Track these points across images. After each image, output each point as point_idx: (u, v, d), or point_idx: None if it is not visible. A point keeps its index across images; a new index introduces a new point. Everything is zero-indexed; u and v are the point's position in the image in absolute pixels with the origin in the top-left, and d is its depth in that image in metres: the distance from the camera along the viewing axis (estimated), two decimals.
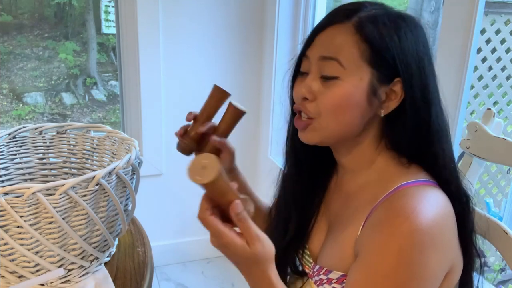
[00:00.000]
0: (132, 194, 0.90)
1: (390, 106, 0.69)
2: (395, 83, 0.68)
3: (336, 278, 0.71)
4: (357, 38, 0.67)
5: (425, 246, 0.60)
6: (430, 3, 2.65)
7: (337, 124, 0.69)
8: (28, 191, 0.72)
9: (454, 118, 1.18)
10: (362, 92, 0.67)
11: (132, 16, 1.85)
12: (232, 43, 2.02)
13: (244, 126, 2.18)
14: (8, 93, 2.59)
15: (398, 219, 0.61)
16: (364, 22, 0.67)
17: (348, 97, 0.67)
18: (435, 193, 0.66)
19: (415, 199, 0.63)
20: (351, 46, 0.67)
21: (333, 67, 0.67)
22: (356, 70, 0.67)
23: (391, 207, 0.64)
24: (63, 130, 1.06)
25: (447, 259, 0.65)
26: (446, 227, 0.64)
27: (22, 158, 1.04)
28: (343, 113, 0.68)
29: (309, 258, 0.81)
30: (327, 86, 0.68)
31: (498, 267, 1.83)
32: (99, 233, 0.85)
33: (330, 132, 0.70)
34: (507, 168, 2.48)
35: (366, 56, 0.66)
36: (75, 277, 0.85)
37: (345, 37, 0.67)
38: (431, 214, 0.62)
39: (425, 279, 0.61)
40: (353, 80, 0.67)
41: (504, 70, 2.67)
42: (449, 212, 0.66)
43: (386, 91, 0.68)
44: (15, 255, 0.78)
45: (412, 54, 0.67)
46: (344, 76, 0.67)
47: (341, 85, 0.67)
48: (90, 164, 1.06)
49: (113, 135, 1.02)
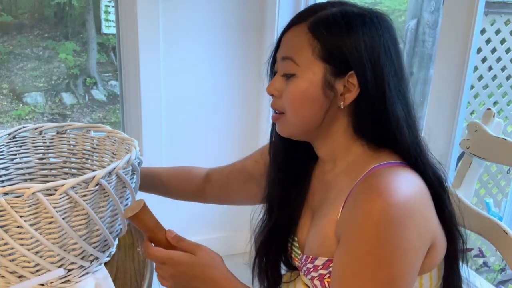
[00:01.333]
0: (132, 194, 0.90)
1: (349, 97, 0.72)
2: (350, 75, 0.71)
3: (321, 264, 0.73)
4: (309, 37, 0.72)
5: (402, 218, 0.62)
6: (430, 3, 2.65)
7: (299, 118, 0.75)
8: (28, 191, 0.72)
9: (454, 118, 1.18)
10: (316, 86, 0.72)
11: (132, 16, 1.85)
12: (232, 43, 2.02)
13: (244, 126, 2.19)
14: (8, 93, 2.59)
15: (373, 196, 0.64)
16: (317, 21, 0.73)
17: (303, 91, 0.73)
18: (407, 172, 0.69)
19: (388, 177, 0.66)
20: (304, 44, 0.72)
21: (290, 65, 0.74)
22: (309, 66, 0.72)
23: (366, 186, 0.67)
24: (63, 130, 1.06)
25: (427, 231, 0.67)
26: (422, 201, 0.66)
27: (22, 158, 1.03)
28: (302, 107, 0.74)
29: (297, 250, 0.83)
30: (287, 84, 0.75)
31: (498, 267, 1.83)
32: (99, 233, 0.85)
33: (295, 125, 0.76)
34: (507, 168, 2.48)
35: (317, 52, 0.72)
36: (75, 277, 0.85)
37: (300, 37, 0.73)
38: (405, 189, 0.65)
39: (407, 251, 0.63)
40: (307, 76, 0.73)
41: (504, 70, 2.67)
42: (424, 189, 0.68)
43: (343, 83, 0.72)
44: (15, 255, 0.78)
45: (365, 48, 0.71)
46: (299, 73, 0.73)
47: (297, 82, 0.73)
48: (90, 164, 1.06)
49: (113, 135, 1.02)
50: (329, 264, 0.72)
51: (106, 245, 0.90)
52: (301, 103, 0.74)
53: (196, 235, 2.16)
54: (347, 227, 0.67)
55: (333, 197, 0.76)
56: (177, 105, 1.99)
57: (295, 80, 0.74)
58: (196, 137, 2.09)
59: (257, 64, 2.07)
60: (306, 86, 0.73)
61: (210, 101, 2.06)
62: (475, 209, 0.91)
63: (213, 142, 2.13)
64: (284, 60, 0.75)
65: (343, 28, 0.71)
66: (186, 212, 2.13)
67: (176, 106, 2.00)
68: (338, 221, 0.70)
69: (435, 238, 0.69)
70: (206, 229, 2.17)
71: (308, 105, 0.73)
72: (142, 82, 1.90)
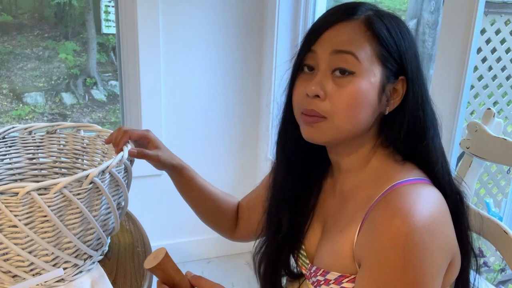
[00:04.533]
0: (125, 192, 0.90)
1: (393, 104, 0.69)
2: (399, 81, 0.68)
3: (334, 279, 0.71)
4: (369, 34, 0.66)
5: (427, 243, 0.60)
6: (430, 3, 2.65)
7: (350, 124, 0.67)
8: (22, 190, 0.72)
9: (454, 118, 1.18)
10: (375, 89, 0.67)
11: (132, 16, 1.85)
12: (232, 43, 2.01)
13: (244, 126, 2.19)
14: (8, 93, 2.59)
15: (397, 220, 0.61)
16: (374, 18, 0.67)
17: (364, 94, 0.66)
18: (430, 190, 0.66)
19: (410, 198, 0.63)
20: (364, 41, 0.66)
21: (349, 61, 0.66)
22: (370, 66, 0.66)
23: (387, 207, 0.64)
24: (53, 130, 1.06)
25: (448, 254, 0.65)
26: (444, 223, 0.64)
27: (12, 159, 1.03)
28: (358, 111, 0.66)
29: (305, 259, 0.80)
30: (340, 84, 0.66)
31: (498, 267, 1.83)
32: (93, 231, 0.85)
33: (342, 131, 0.68)
34: (507, 168, 2.48)
35: (377, 53, 0.66)
36: (69, 275, 0.85)
37: (358, 33, 0.67)
38: (428, 211, 0.62)
39: (432, 275, 0.61)
40: (368, 76, 0.66)
41: (504, 70, 2.67)
42: (445, 208, 0.66)
43: (390, 89, 0.69)
44: (9, 254, 0.78)
45: (412, 53, 0.69)
46: (359, 71, 0.66)
47: (357, 82, 0.66)
48: (81, 163, 1.06)
49: (104, 134, 1.02)
50: (341, 279, 0.70)
51: (100, 244, 0.90)
52: (359, 107, 0.66)
53: (196, 235, 2.16)
54: (370, 251, 0.64)
55: (348, 211, 0.72)
56: (177, 105, 1.99)
57: (354, 79, 0.65)
58: (196, 137, 2.09)
59: (257, 64, 2.07)
60: (367, 88, 0.66)
61: (210, 101, 2.06)
62: (475, 209, 0.91)
63: (213, 142, 2.13)
64: (340, 54, 0.66)
65: (397, 30, 0.68)
66: (186, 212, 2.13)
67: (176, 106, 1.99)
68: (357, 241, 0.67)
69: (454, 257, 0.67)
70: (206, 229, 2.16)
71: (365, 109, 0.67)
72: (142, 82, 1.90)
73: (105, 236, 0.88)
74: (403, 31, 0.69)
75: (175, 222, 2.16)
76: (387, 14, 0.70)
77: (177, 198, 2.23)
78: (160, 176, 2.05)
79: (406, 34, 0.69)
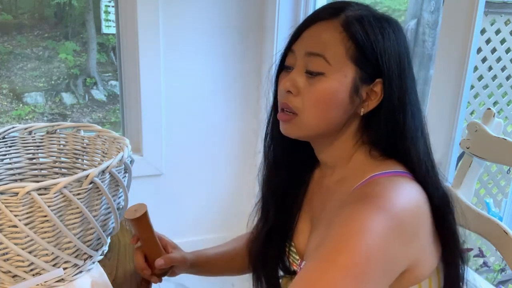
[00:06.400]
0: (125, 192, 0.90)
1: (369, 105, 0.70)
2: (376, 83, 0.69)
3: None
4: (343, 36, 0.67)
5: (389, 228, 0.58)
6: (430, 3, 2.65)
7: (319, 120, 0.70)
8: (22, 190, 0.72)
9: (454, 118, 1.18)
10: (345, 90, 0.68)
11: (132, 16, 1.85)
12: (232, 43, 2.01)
13: (244, 126, 2.19)
14: (8, 93, 2.59)
15: (367, 199, 0.61)
16: (351, 20, 0.68)
17: (332, 93, 0.68)
18: (408, 184, 0.65)
19: (386, 187, 0.63)
20: (337, 43, 0.67)
21: (319, 63, 0.68)
22: (341, 67, 0.67)
23: (359, 193, 0.64)
24: (53, 130, 1.06)
25: (409, 252, 0.62)
26: (416, 218, 0.63)
27: (12, 159, 1.03)
28: (326, 109, 0.69)
29: (295, 256, 0.81)
30: (311, 82, 0.69)
31: (498, 267, 1.83)
32: (93, 231, 0.85)
33: (312, 127, 0.71)
34: (507, 168, 2.48)
35: (351, 54, 0.67)
36: (69, 275, 0.85)
37: (332, 34, 0.68)
38: (402, 202, 0.61)
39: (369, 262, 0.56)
40: (338, 77, 0.68)
41: (504, 70, 2.67)
42: (422, 204, 0.65)
43: (367, 90, 0.69)
44: (9, 254, 0.78)
45: (394, 56, 0.68)
46: (329, 72, 0.68)
47: (326, 81, 0.68)
48: (81, 163, 1.06)
49: (104, 134, 1.02)
50: None
51: (100, 244, 0.90)
52: (327, 105, 0.69)
53: (196, 235, 2.16)
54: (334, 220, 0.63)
55: (334, 205, 0.73)
56: (177, 105, 1.99)
57: (323, 79, 0.68)
58: (196, 137, 2.09)
59: (257, 64, 2.07)
60: (336, 88, 0.68)
61: (210, 101, 2.06)
62: (475, 209, 0.91)
63: (213, 142, 2.13)
64: (311, 56, 0.69)
65: (377, 32, 0.68)
66: (186, 212, 2.13)
67: (176, 106, 1.99)
68: None
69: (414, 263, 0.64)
70: (206, 229, 2.16)
71: (334, 108, 0.69)
72: (142, 82, 1.90)
73: (105, 236, 0.89)
74: (386, 33, 0.68)
75: (175, 222, 2.16)
76: (372, 14, 0.70)
77: (177, 198, 2.24)
78: (160, 176, 2.06)
79: (390, 36, 0.68)
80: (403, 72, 0.69)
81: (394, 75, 0.68)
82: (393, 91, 0.68)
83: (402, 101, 0.69)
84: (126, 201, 0.93)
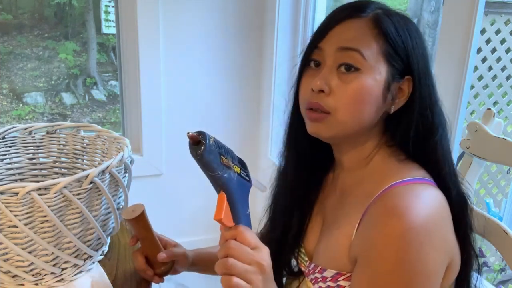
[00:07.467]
0: (125, 192, 0.90)
1: (398, 103, 0.69)
2: (405, 81, 0.68)
3: (330, 276, 0.71)
4: (376, 32, 0.67)
5: (422, 243, 0.60)
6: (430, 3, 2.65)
7: (354, 120, 0.68)
8: (22, 190, 0.72)
9: (454, 118, 1.18)
10: (380, 87, 0.67)
11: (132, 16, 1.85)
12: (232, 43, 2.01)
13: (244, 126, 2.19)
14: (8, 93, 2.59)
15: (393, 219, 0.61)
16: (382, 16, 0.68)
17: (368, 91, 0.66)
18: (428, 191, 0.65)
19: (407, 198, 0.63)
20: (371, 39, 0.67)
21: (355, 58, 0.66)
22: (375, 64, 0.66)
23: (384, 206, 0.64)
24: (53, 130, 1.06)
25: (445, 255, 0.65)
26: (440, 224, 0.64)
27: (12, 159, 1.03)
28: (362, 108, 0.67)
29: (304, 257, 0.81)
30: (345, 80, 0.67)
31: (498, 267, 1.83)
32: (93, 231, 0.85)
33: (345, 127, 0.69)
34: (507, 168, 2.48)
35: (383, 51, 0.67)
36: (69, 275, 0.85)
37: (365, 30, 0.67)
38: (424, 211, 0.62)
39: (426, 276, 0.61)
40: (373, 74, 0.66)
41: (504, 70, 2.67)
42: (444, 209, 0.65)
43: (396, 88, 0.69)
44: (9, 254, 0.78)
45: (420, 53, 0.68)
46: (365, 68, 0.66)
47: (362, 78, 0.66)
48: (81, 163, 1.06)
49: (104, 134, 1.02)
50: (338, 277, 0.70)
51: (100, 244, 0.90)
52: (363, 103, 0.67)
53: (196, 235, 2.16)
54: (365, 248, 0.64)
55: (346, 208, 0.73)
56: (177, 105, 1.99)
57: (358, 76, 0.66)
58: None
59: (257, 64, 2.07)
60: (372, 85, 0.66)
61: (210, 101, 2.06)
62: (475, 209, 0.91)
63: None
64: (347, 51, 0.67)
65: (405, 30, 0.67)
66: (185, 212, 2.13)
67: (176, 106, 1.99)
68: (354, 240, 0.68)
69: (452, 261, 0.67)
70: (206, 229, 2.16)
71: (368, 106, 0.67)
72: (142, 82, 1.90)
73: (105, 236, 0.89)
74: (411, 31, 0.69)
75: (175, 222, 2.16)
76: (395, 13, 0.70)
77: (177, 198, 2.24)
78: (161, 176, 2.06)
79: (414, 34, 0.69)
80: (428, 70, 0.69)
81: (422, 72, 0.68)
82: (423, 89, 0.68)
83: (431, 99, 0.69)
84: (126, 201, 0.93)
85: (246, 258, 0.60)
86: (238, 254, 0.60)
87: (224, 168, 0.64)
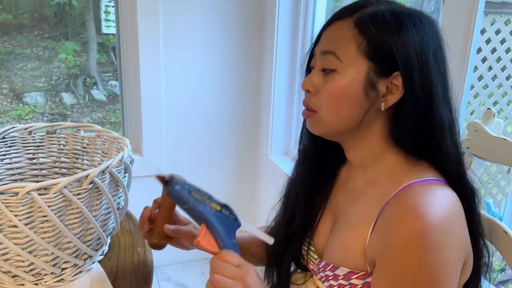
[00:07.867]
0: (125, 192, 0.90)
1: (391, 99, 0.69)
2: (395, 76, 0.68)
3: (343, 275, 0.71)
4: (355, 32, 0.68)
5: (442, 243, 0.61)
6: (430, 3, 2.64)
7: (336, 117, 0.71)
8: (22, 190, 0.72)
9: None
10: (358, 84, 0.69)
11: (132, 16, 1.85)
12: (232, 43, 2.01)
13: (244, 126, 2.19)
14: (8, 93, 2.59)
15: (412, 219, 0.61)
16: (364, 17, 0.69)
17: (344, 89, 0.69)
18: (444, 191, 0.66)
19: (425, 197, 0.64)
20: (348, 40, 0.69)
21: (331, 60, 0.70)
22: (353, 63, 0.68)
23: (402, 206, 0.64)
24: (53, 130, 1.06)
25: (463, 253, 0.66)
26: (458, 223, 0.65)
27: (12, 159, 1.03)
28: (340, 105, 0.70)
29: (314, 254, 0.81)
30: (326, 80, 0.71)
31: (498, 267, 1.83)
32: (93, 231, 0.85)
33: (329, 124, 0.72)
34: (507, 168, 2.48)
35: (362, 49, 0.68)
36: (69, 275, 0.85)
37: (344, 32, 0.69)
38: (442, 211, 0.62)
39: (448, 274, 0.62)
40: (350, 73, 0.69)
41: (504, 70, 2.67)
42: (459, 208, 0.66)
43: (386, 84, 0.69)
44: (9, 254, 0.78)
45: (414, 48, 0.67)
46: (341, 69, 0.69)
47: (338, 78, 0.70)
48: (81, 163, 1.06)
49: (104, 134, 1.02)
50: (350, 275, 0.70)
51: (99, 244, 0.90)
52: (340, 101, 0.70)
53: None
54: (384, 250, 0.65)
55: (360, 207, 0.73)
56: (177, 105, 1.99)
57: (335, 76, 0.70)
58: (196, 137, 2.09)
59: (257, 64, 2.07)
60: (348, 83, 0.69)
61: (210, 101, 2.06)
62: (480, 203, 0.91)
63: (213, 141, 2.13)
64: (325, 54, 0.71)
65: (392, 26, 0.67)
66: None
67: (176, 106, 1.99)
68: (371, 239, 0.68)
69: (467, 256, 0.68)
70: None
71: (347, 104, 0.70)
72: (142, 82, 1.90)
73: (105, 236, 0.89)
74: (403, 26, 0.67)
75: None
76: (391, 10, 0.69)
77: None
78: None
79: (409, 28, 0.67)
80: (426, 63, 0.68)
81: (414, 67, 0.67)
82: (414, 83, 0.67)
83: (426, 92, 0.68)
84: (126, 201, 0.93)
85: (230, 274, 0.65)
86: (222, 270, 0.66)
87: (196, 202, 0.72)
